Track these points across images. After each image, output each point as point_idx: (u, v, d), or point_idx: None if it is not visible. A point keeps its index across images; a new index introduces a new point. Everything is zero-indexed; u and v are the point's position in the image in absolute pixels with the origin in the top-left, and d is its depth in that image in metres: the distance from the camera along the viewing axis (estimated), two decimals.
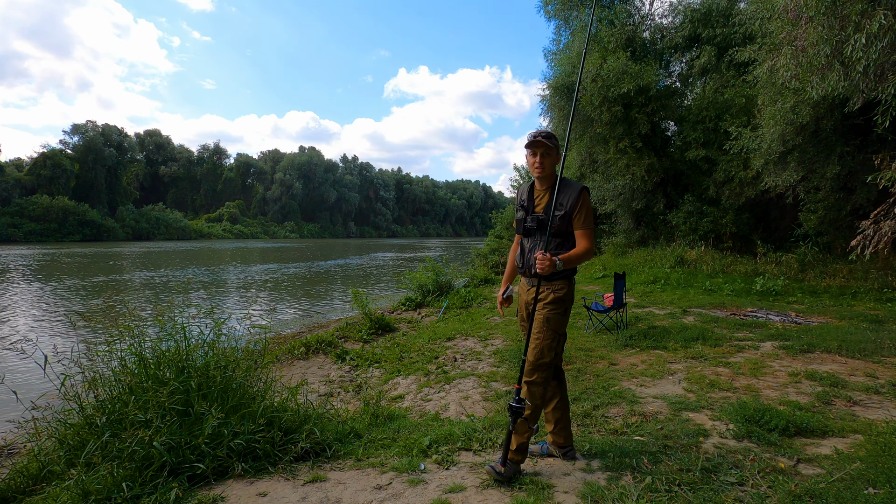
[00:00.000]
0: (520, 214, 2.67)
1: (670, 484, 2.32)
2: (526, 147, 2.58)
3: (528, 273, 2.61)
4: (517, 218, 2.70)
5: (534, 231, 2.58)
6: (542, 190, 2.62)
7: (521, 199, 2.71)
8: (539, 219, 2.55)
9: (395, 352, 6.49)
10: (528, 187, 2.68)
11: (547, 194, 2.57)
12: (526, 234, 2.64)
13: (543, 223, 2.53)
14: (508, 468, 2.41)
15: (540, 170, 2.55)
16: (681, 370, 4.46)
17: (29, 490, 2.43)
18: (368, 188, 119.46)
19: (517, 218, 2.70)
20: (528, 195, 2.66)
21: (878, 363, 4.46)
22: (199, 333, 3.26)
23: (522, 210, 2.65)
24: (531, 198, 2.65)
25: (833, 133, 9.46)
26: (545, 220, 2.52)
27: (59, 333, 9.30)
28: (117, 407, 2.72)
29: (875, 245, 6.04)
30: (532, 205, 2.62)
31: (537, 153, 2.53)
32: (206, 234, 78.72)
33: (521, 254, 2.65)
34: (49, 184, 61.78)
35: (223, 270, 24.03)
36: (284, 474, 2.55)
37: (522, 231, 2.65)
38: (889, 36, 5.57)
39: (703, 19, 13.81)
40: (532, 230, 2.59)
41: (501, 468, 2.39)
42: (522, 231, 2.65)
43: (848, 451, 2.65)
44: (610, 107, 13.00)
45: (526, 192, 2.68)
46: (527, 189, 2.68)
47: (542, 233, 2.54)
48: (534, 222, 2.56)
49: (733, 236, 13.15)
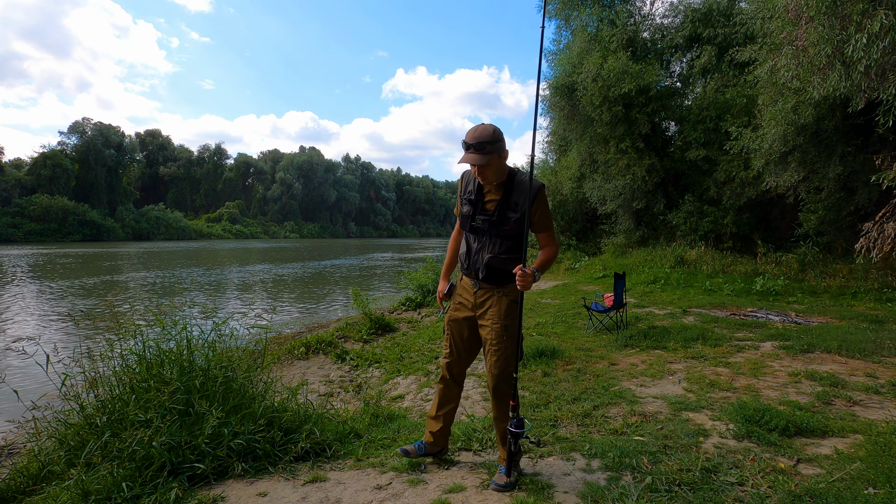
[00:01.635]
0: (466, 209, 2.37)
1: (670, 484, 2.32)
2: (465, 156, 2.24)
3: (474, 275, 2.38)
4: (463, 212, 2.40)
5: (483, 231, 2.33)
6: (493, 186, 2.34)
7: (467, 190, 2.39)
8: (491, 220, 2.29)
9: (395, 352, 6.49)
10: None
11: (499, 191, 2.31)
12: (472, 232, 2.37)
13: (496, 224, 2.29)
14: (513, 477, 2.39)
15: (483, 180, 2.29)
16: (681, 370, 4.46)
17: (29, 490, 2.43)
18: (369, 188, 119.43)
19: (463, 212, 2.40)
20: (478, 189, 2.35)
21: (878, 363, 4.46)
22: (201, 333, 3.26)
23: (469, 205, 2.35)
24: (480, 192, 2.35)
25: (834, 133, 9.46)
26: (498, 223, 2.29)
27: (60, 333, 9.30)
28: (118, 407, 2.72)
29: (881, 248, 6.04)
30: (481, 200, 2.34)
31: (473, 169, 2.25)
32: (206, 234, 78.70)
33: (468, 253, 2.38)
34: (49, 184, 61.74)
35: (223, 270, 24.03)
36: (284, 474, 2.55)
37: (469, 228, 2.37)
38: (890, 36, 5.57)
39: (704, 19, 13.80)
40: (481, 230, 2.34)
41: (506, 478, 2.34)
42: (469, 228, 2.37)
43: (848, 451, 2.65)
44: (610, 107, 12.99)
45: (475, 184, 2.36)
46: (475, 180, 2.35)
47: (492, 234, 2.31)
48: (484, 224, 2.31)
49: (733, 236, 13.15)
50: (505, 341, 2.32)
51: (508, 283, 2.34)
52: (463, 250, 2.46)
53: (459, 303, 2.48)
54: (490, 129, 2.19)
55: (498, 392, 2.39)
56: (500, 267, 2.32)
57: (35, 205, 57.57)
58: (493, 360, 2.36)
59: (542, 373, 4.49)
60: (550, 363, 4.76)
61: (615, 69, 12.66)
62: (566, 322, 7.07)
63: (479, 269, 2.34)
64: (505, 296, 2.34)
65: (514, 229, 2.29)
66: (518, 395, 2.39)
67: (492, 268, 2.32)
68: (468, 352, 2.54)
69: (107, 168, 70.52)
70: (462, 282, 2.49)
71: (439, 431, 2.60)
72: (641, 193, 14.66)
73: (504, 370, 2.34)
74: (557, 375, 4.41)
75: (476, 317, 2.42)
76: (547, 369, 4.57)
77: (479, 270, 2.34)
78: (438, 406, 2.60)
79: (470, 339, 2.50)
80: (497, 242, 2.31)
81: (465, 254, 2.43)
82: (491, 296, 2.36)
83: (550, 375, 4.42)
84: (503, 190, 2.32)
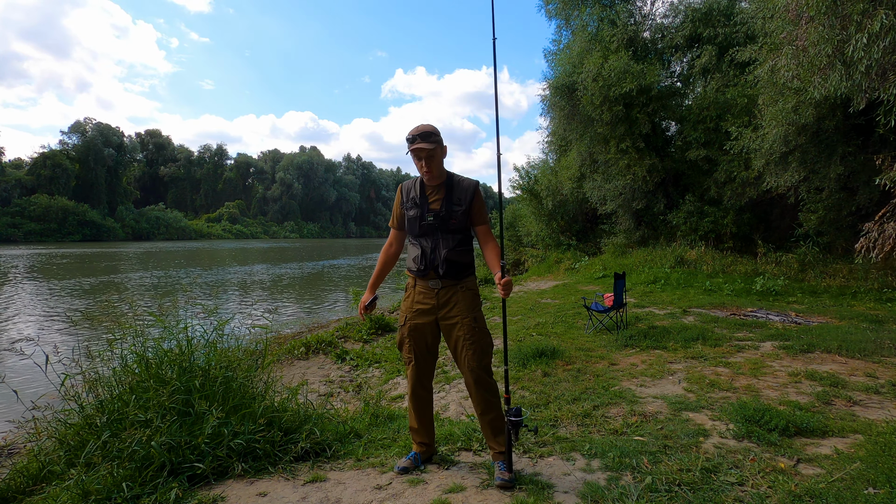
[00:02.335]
0: (413, 213, 2.50)
1: (670, 484, 2.32)
2: (410, 150, 2.41)
3: (433, 274, 2.45)
4: (410, 216, 2.52)
5: (433, 230, 2.44)
6: (434, 187, 2.48)
7: (410, 197, 2.53)
8: (440, 216, 2.42)
9: (395, 352, 6.49)
10: (419, 184, 2.51)
11: (441, 191, 2.47)
12: (422, 234, 2.47)
13: (445, 219, 2.42)
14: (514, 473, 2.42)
15: (429, 174, 2.43)
16: (681, 370, 4.46)
17: (29, 490, 2.43)
18: (369, 188, 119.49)
19: (410, 216, 2.52)
20: (421, 193, 2.49)
21: (878, 363, 4.46)
22: (202, 333, 3.26)
23: (416, 208, 2.48)
24: (423, 195, 2.49)
25: (835, 133, 9.45)
26: (446, 217, 2.42)
27: (60, 333, 9.30)
28: (117, 407, 2.73)
29: (881, 248, 6.03)
30: (426, 202, 2.47)
31: (422, 157, 2.39)
32: (205, 234, 78.76)
33: (422, 255, 2.46)
34: (49, 184, 61.78)
35: (223, 270, 24.03)
36: (284, 474, 2.55)
37: (418, 230, 2.48)
38: (891, 35, 5.56)
39: (704, 19, 13.79)
40: (432, 228, 2.44)
41: (508, 474, 2.37)
42: (418, 230, 2.48)
43: (848, 451, 2.65)
44: (611, 106, 12.98)
45: (418, 190, 2.50)
46: (418, 186, 2.51)
47: (441, 231, 2.44)
48: (436, 220, 2.43)
49: (734, 236, 13.14)
50: (477, 332, 2.42)
51: (467, 276, 2.49)
52: (415, 254, 2.51)
53: (418, 310, 2.50)
54: (431, 125, 2.44)
55: (480, 383, 2.45)
56: (458, 259, 2.45)
57: (35, 205, 57.61)
58: (470, 353, 2.41)
59: (542, 373, 4.49)
60: (550, 363, 4.76)
61: (616, 69, 12.65)
62: (566, 322, 7.07)
63: (438, 265, 2.42)
64: (467, 289, 2.46)
65: (460, 222, 2.45)
66: (512, 392, 2.41)
67: (451, 262, 2.42)
68: (432, 357, 2.59)
69: (107, 168, 70.57)
70: (417, 288, 2.52)
71: (427, 438, 2.67)
72: (642, 193, 14.65)
73: (482, 361, 2.43)
74: (557, 375, 4.41)
75: (439, 318, 2.47)
76: (547, 369, 4.57)
77: (440, 266, 2.42)
78: (418, 417, 2.63)
79: (433, 345, 2.55)
80: (448, 238, 2.44)
81: (418, 257, 2.48)
82: (454, 292, 2.45)
83: (550, 375, 4.42)
84: (444, 189, 2.48)
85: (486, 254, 2.47)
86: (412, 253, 2.53)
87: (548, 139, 19.70)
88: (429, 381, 2.63)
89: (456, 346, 2.45)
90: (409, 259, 2.55)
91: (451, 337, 2.46)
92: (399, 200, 2.60)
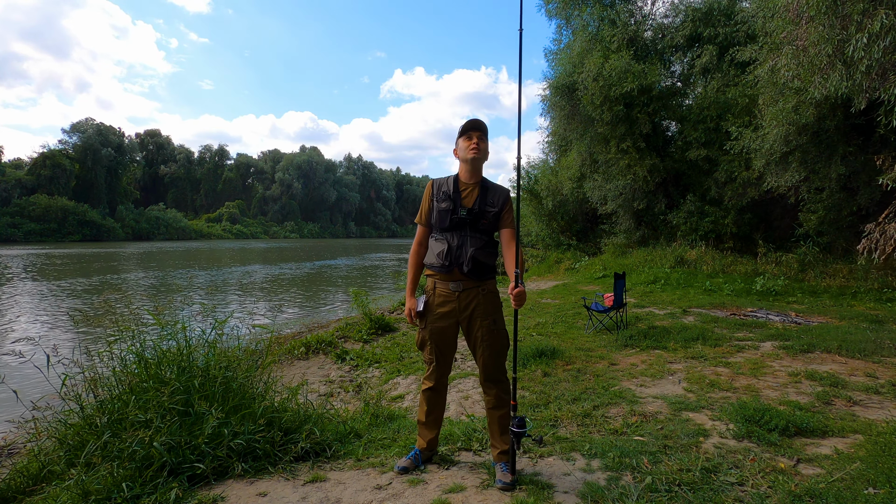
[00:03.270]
0: (445, 205, 2.46)
1: (670, 484, 2.32)
2: (463, 133, 2.48)
3: (458, 271, 2.41)
4: (441, 208, 2.47)
5: (463, 225, 2.43)
6: (469, 184, 2.49)
7: (443, 191, 2.51)
8: (474, 212, 2.42)
9: (395, 352, 6.49)
10: (453, 180, 2.52)
11: (476, 189, 2.48)
12: (451, 228, 2.45)
13: (477, 217, 2.42)
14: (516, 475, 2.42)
15: (477, 151, 2.44)
16: (681, 370, 4.46)
17: (29, 490, 2.43)
18: (369, 188, 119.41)
19: (441, 208, 2.47)
20: (455, 188, 2.49)
21: (878, 363, 4.46)
22: (202, 333, 3.26)
23: (449, 201, 2.46)
24: (457, 190, 2.49)
25: (835, 133, 9.45)
26: (479, 215, 2.42)
27: (60, 333, 9.30)
28: (117, 407, 2.72)
29: (883, 249, 6.03)
30: (459, 197, 2.47)
31: (473, 137, 2.45)
32: (206, 234, 78.67)
33: (448, 251, 2.42)
34: (49, 184, 61.70)
35: (223, 270, 24.03)
36: (284, 474, 2.55)
37: (448, 223, 2.45)
38: (891, 35, 5.56)
39: (705, 18, 13.78)
40: (463, 223, 2.42)
41: (510, 476, 2.37)
42: (448, 223, 2.45)
43: (848, 451, 2.65)
44: (611, 106, 12.98)
45: (451, 185, 2.51)
46: (451, 182, 2.52)
47: (471, 228, 2.43)
48: (469, 215, 2.42)
49: (734, 236, 13.15)
50: (496, 334, 2.46)
51: (489, 279, 2.49)
52: (439, 249, 2.45)
53: (439, 313, 2.48)
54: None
55: (495, 381, 2.50)
56: (484, 260, 2.44)
57: (35, 205, 57.52)
58: (487, 353, 2.46)
59: (542, 373, 4.49)
60: (550, 363, 4.76)
61: (617, 69, 12.65)
62: (566, 322, 7.07)
63: (463, 262, 2.40)
64: (488, 291, 2.48)
65: (491, 224, 2.46)
66: (517, 395, 2.41)
67: (477, 261, 2.41)
68: (452, 354, 2.62)
69: (106, 168, 70.46)
70: (437, 290, 2.49)
71: (434, 437, 2.66)
72: (642, 193, 14.65)
73: (497, 360, 2.48)
74: (557, 375, 4.41)
75: (460, 319, 2.48)
76: (547, 369, 4.57)
77: (465, 264, 2.39)
78: (429, 412, 2.62)
79: (453, 345, 2.58)
80: (476, 237, 2.43)
81: (443, 253, 2.43)
82: (475, 294, 2.45)
83: (550, 375, 4.42)
84: (479, 189, 2.49)
85: (507, 258, 2.45)
86: (436, 248, 2.48)
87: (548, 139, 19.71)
88: (446, 377, 2.65)
89: (474, 344, 2.49)
90: (433, 254, 2.49)
91: (470, 335, 2.50)
92: (429, 194, 2.57)
